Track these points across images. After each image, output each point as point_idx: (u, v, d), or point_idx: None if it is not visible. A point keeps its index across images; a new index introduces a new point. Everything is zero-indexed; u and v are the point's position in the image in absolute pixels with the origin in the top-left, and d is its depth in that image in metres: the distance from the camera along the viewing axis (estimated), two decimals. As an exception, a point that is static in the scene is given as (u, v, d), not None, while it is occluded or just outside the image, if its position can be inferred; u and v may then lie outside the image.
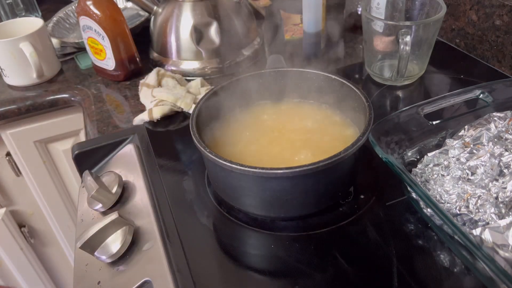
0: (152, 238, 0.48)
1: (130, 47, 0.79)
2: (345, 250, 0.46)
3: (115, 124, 0.70)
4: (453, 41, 0.80)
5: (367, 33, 0.69)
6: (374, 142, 0.47)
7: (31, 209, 1.01)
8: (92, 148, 0.62)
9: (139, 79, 0.80)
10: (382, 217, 0.49)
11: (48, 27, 0.92)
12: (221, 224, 0.51)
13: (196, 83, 0.73)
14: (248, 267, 0.46)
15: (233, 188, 0.48)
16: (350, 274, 0.43)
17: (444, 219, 0.40)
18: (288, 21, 0.92)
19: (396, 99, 0.69)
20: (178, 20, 0.77)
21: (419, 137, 0.52)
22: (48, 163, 0.92)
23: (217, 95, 0.54)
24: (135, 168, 0.58)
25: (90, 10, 0.74)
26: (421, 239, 0.46)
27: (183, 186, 0.55)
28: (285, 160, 0.48)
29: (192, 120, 0.49)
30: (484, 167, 0.44)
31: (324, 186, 0.46)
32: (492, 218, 0.41)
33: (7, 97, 0.81)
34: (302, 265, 0.45)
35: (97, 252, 0.45)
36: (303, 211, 0.49)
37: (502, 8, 0.68)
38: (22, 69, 0.80)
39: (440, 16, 0.63)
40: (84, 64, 0.87)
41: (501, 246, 0.38)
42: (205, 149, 0.45)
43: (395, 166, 0.45)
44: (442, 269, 0.43)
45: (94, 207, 0.53)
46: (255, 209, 0.49)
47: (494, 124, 0.48)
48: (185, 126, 0.49)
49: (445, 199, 0.44)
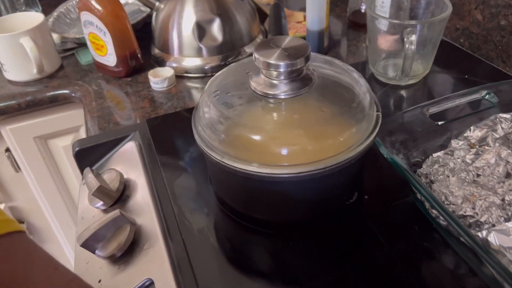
0: (153, 237, 0.47)
1: (132, 43, 0.78)
2: (348, 252, 0.45)
3: (116, 121, 0.70)
4: (458, 41, 0.80)
5: (371, 32, 0.69)
6: (379, 142, 0.46)
7: (30, 205, 1.00)
8: (93, 145, 0.61)
9: (140, 75, 0.80)
10: (386, 218, 0.48)
11: (49, 22, 0.92)
12: (223, 223, 0.50)
13: None
14: (250, 266, 0.45)
15: (235, 190, 0.48)
16: (354, 276, 0.43)
17: (450, 220, 0.39)
18: (291, 19, 0.91)
19: (400, 98, 0.69)
20: (180, 16, 0.76)
21: (424, 137, 0.51)
22: (48, 159, 0.91)
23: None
24: (136, 165, 0.57)
25: (91, 5, 0.73)
26: (425, 241, 0.45)
27: (185, 184, 0.55)
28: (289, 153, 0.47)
29: (194, 117, 0.48)
30: (491, 168, 0.44)
31: (330, 189, 0.46)
32: (499, 220, 0.40)
33: (7, 92, 0.80)
34: (304, 266, 0.44)
35: (98, 250, 0.45)
36: (308, 215, 0.48)
37: (507, 8, 0.67)
38: (22, 64, 0.79)
39: (446, 15, 0.62)
40: (84, 59, 0.86)
41: (508, 248, 0.38)
42: (205, 149, 0.44)
43: (401, 166, 0.44)
44: (447, 270, 0.42)
45: (95, 205, 0.52)
46: (257, 213, 0.49)
47: (500, 126, 0.47)
48: (187, 124, 0.48)
49: (450, 200, 0.44)
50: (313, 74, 0.46)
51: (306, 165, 0.40)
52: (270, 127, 0.43)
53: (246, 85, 0.46)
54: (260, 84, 0.45)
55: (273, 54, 0.43)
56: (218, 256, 0.46)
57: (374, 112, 0.46)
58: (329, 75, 0.48)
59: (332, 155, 0.41)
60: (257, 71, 0.46)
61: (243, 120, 0.43)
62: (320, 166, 0.40)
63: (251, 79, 0.46)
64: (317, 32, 0.77)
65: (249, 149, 0.42)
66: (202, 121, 0.46)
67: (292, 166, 0.40)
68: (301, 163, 0.41)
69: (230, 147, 0.43)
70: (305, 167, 0.40)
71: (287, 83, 0.44)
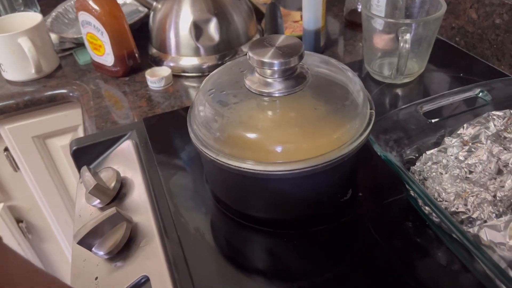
0: (150, 234, 0.48)
1: (129, 43, 0.78)
2: (342, 249, 0.46)
3: (114, 120, 0.70)
4: (453, 40, 0.80)
5: (367, 31, 0.69)
6: (373, 139, 0.47)
7: (28, 204, 1.01)
8: (90, 144, 0.61)
9: (138, 75, 0.80)
10: (380, 215, 0.49)
11: (47, 22, 0.92)
12: (219, 221, 0.51)
13: None
14: (246, 265, 0.46)
15: (230, 188, 0.48)
16: (348, 273, 0.43)
17: (442, 217, 0.40)
18: (288, 18, 0.92)
19: (396, 97, 0.69)
20: (177, 16, 0.77)
21: (418, 135, 0.52)
22: (46, 159, 0.92)
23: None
24: (133, 164, 0.58)
25: (89, 5, 0.73)
26: (419, 237, 0.46)
27: (181, 182, 0.55)
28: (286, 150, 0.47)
29: (189, 116, 0.49)
30: (483, 165, 0.44)
31: (324, 186, 0.46)
32: (490, 216, 0.41)
33: (5, 92, 0.81)
34: (299, 263, 0.45)
35: (94, 248, 0.45)
36: (302, 213, 0.48)
37: (502, 6, 0.68)
38: (20, 64, 0.80)
39: (440, 14, 0.63)
40: (82, 59, 0.87)
41: (499, 244, 0.38)
42: (200, 147, 0.45)
43: (394, 164, 0.45)
44: (440, 267, 0.43)
45: (92, 203, 0.53)
46: (252, 210, 0.49)
47: (493, 123, 0.48)
48: (183, 123, 0.49)
49: (443, 197, 0.44)
50: (307, 73, 0.46)
51: (300, 162, 0.41)
52: (264, 125, 0.43)
53: (240, 83, 0.46)
54: (254, 83, 0.45)
55: (267, 52, 0.43)
56: (213, 253, 0.47)
57: (367, 110, 0.46)
58: (324, 73, 0.48)
59: (325, 152, 0.41)
60: (252, 69, 0.46)
61: (237, 118, 0.43)
62: (313, 163, 0.41)
63: (246, 77, 0.46)
64: (313, 32, 0.77)
65: (244, 147, 0.42)
66: (197, 120, 0.46)
67: (286, 163, 0.41)
68: (295, 160, 0.41)
69: (225, 145, 0.43)
70: (299, 164, 0.41)
71: (281, 82, 0.44)
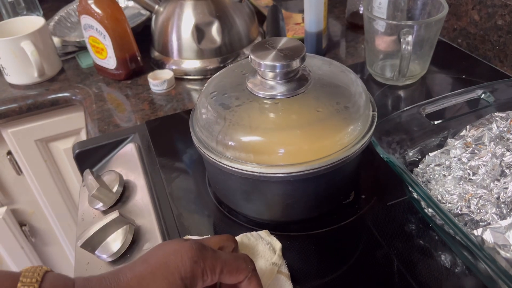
0: (152, 238, 0.48)
1: (131, 46, 0.78)
2: (345, 251, 0.46)
3: (116, 123, 0.70)
4: (455, 41, 0.80)
5: (368, 33, 0.69)
6: (375, 141, 0.47)
7: (32, 208, 1.01)
8: (93, 147, 0.62)
9: (140, 78, 0.81)
10: (383, 217, 0.48)
11: (50, 26, 0.92)
12: (222, 224, 0.51)
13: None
14: (249, 267, 0.46)
15: (232, 190, 0.48)
16: (351, 275, 0.43)
17: (445, 219, 0.40)
18: (290, 21, 0.92)
19: (398, 98, 0.69)
20: (179, 19, 0.77)
21: (421, 137, 0.52)
22: (49, 162, 0.92)
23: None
24: (136, 167, 0.58)
25: (91, 9, 0.74)
26: (422, 239, 0.46)
27: (184, 185, 0.55)
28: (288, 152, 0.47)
29: (191, 118, 0.49)
30: (486, 167, 0.44)
31: (326, 189, 0.46)
32: (494, 218, 0.40)
33: (8, 95, 0.81)
34: (302, 265, 0.45)
35: (97, 251, 0.45)
36: (305, 215, 0.48)
37: (504, 8, 0.68)
38: (23, 67, 0.80)
39: (442, 16, 0.62)
40: (85, 63, 0.87)
41: (502, 246, 0.38)
42: (203, 149, 0.45)
43: (397, 166, 0.44)
44: (443, 269, 0.43)
45: (95, 206, 0.53)
46: (255, 213, 0.49)
47: (496, 124, 0.48)
48: (186, 125, 0.49)
49: (446, 199, 0.44)
50: (309, 75, 0.46)
51: (302, 165, 0.41)
52: (266, 128, 0.43)
53: (242, 86, 0.46)
54: (256, 85, 0.45)
55: (269, 55, 0.43)
56: (216, 256, 0.47)
57: (370, 112, 0.46)
58: (326, 75, 0.48)
59: (328, 154, 0.41)
60: (254, 72, 0.46)
61: (240, 120, 0.43)
62: (316, 166, 0.41)
63: (248, 80, 0.46)
64: (315, 34, 0.77)
65: (246, 150, 0.42)
66: (199, 122, 0.46)
67: (288, 166, 0.41)
68: (297, 162, 0.41)
69: (227, 148, 0.43)
70: (301, 167, 0.41)
71: (283, 84, 0.44)
